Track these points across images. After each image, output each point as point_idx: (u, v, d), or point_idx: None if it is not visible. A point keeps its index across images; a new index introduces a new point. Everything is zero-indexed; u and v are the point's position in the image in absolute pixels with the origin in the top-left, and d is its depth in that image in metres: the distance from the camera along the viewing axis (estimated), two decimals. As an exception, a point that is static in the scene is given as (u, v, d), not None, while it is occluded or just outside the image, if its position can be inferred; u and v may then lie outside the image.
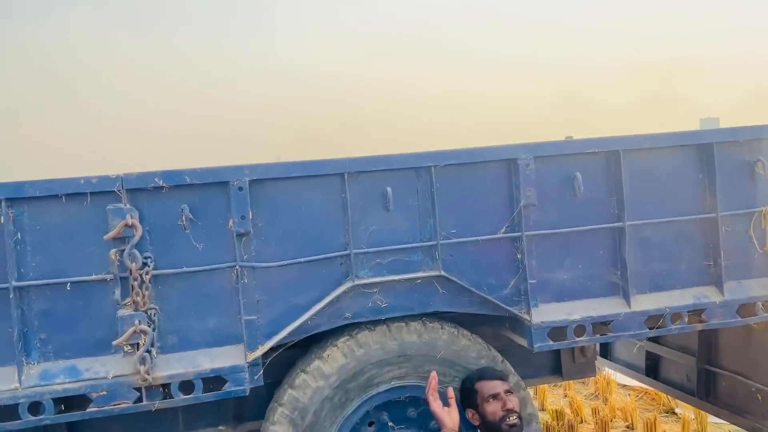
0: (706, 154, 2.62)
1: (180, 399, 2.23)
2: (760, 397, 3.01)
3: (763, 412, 3.00)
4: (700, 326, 2.65)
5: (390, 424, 2.62)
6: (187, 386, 2.25)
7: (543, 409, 4.95)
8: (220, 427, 2.80)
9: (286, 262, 2.34)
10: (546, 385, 5.32)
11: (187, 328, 2.27)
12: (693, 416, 4.40)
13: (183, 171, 2.22)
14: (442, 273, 2.44)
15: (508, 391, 2.43)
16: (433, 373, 2.44)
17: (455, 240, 2.47)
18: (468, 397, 2.47)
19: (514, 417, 2.37)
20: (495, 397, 2.40)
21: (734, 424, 3.31)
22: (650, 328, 2.58)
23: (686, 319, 2.62)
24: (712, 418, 4.15)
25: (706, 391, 3.38)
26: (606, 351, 4.20)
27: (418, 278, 2.45)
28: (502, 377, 2.47)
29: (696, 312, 2.64)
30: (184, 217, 2.22)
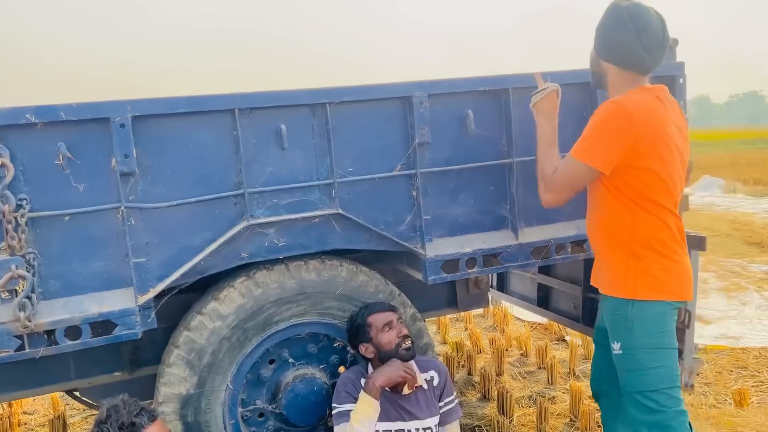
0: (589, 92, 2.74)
1: (67, 345, 2.15)
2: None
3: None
4: (582, 256, 2.82)
5: (290, 360, 2.65)
6: (74, 332, 2.16)
7: (445, 342, 5.17)
8: (116, 373, 2.74)
9: (175, 203, 2.26)
10: (448, 320, 5.56)
11: (71, 272, 2.17)
12: (580, 342, 4.75)
13: (57, 106, 2.07)
14: (340, 211, 2.45)
15: (400, 319, 2.56)
16: None
17: (352, 178, 2.47)
18: (359, 334, 2.52)
19: (409, 341, 2.52)
20: (389, 325, 2.50)
21: (614, 346, 3.58)
22: (537, 259, 2.73)
23: (569, 250, 2.79)
24: (596, 343, 4.48)
25: (590, 317, 3.64)
26: (502, 285, 4.42)
27: (316, 217, 2.45)
28: (392, 308, 2.58)
29: (579, 243, 2.81)
30: (61, 156, 2.09)
